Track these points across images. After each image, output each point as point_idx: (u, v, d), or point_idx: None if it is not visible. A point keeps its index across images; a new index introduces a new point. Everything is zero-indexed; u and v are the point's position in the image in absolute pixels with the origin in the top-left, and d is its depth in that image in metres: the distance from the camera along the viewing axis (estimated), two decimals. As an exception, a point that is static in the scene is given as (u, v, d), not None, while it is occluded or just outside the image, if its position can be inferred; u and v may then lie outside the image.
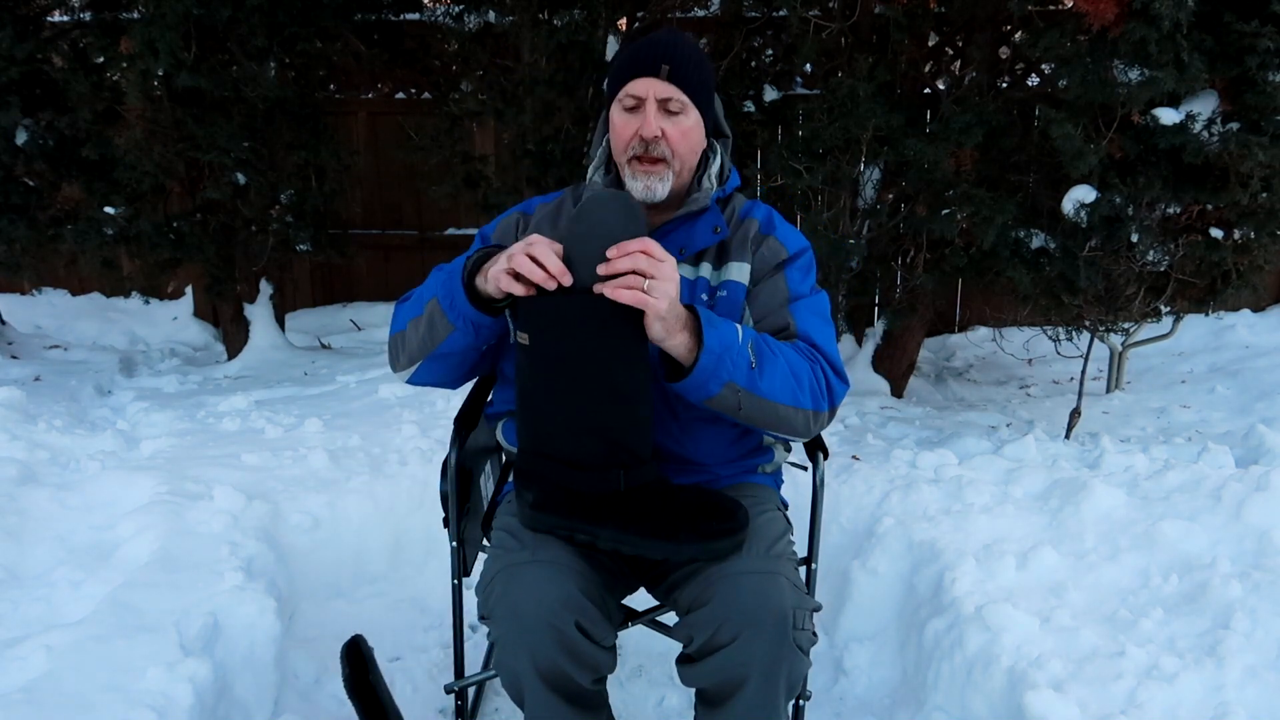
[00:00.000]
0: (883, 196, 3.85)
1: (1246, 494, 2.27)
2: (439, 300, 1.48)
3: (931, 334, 5.31)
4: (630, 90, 1.52)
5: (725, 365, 1.38)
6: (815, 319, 1.58)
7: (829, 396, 1.52)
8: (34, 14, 4.17)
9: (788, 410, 1.47)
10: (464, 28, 4.15)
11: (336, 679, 1.94)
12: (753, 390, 1.41)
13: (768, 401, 1.44)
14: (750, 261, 1.59)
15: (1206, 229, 3.23)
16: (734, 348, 1.39)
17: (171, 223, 4.34)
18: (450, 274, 1.49)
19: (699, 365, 1.37)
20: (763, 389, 1.42)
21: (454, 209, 5.56)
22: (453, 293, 1.45)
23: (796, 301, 1.58)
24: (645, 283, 1.31)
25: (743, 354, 1.40)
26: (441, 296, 1.48)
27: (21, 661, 1.74)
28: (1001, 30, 3.82)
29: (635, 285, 1.31)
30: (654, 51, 1.52)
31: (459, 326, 1.47)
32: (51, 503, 2.47)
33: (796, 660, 1.38)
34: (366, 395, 3.65)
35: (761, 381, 1.42)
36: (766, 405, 1.44)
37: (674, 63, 1.51)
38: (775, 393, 1.44)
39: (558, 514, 1.43)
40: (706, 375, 1.38)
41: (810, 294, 1.61)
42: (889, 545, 2.38)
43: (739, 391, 1.40)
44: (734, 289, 1.57)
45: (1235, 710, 1.66)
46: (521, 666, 1.39)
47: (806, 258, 1.63)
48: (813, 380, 1.49)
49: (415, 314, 1.55)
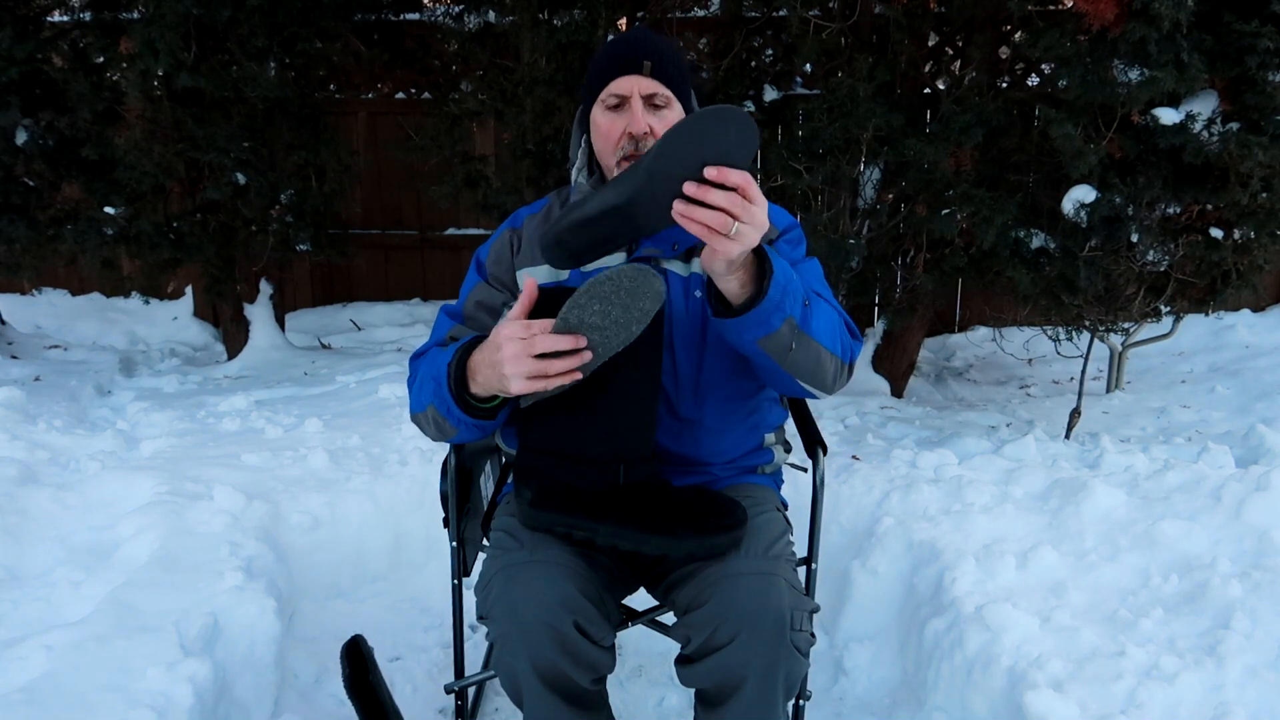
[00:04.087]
0: (883, 196, 3.85)
1: (1246, 494, 2.27)
2: (436, 409, 1.46)
3: (931, 334, 5.31)
4: (614, 89, 1.52)
5: (789, 299, 1.32)
6: (816, 282, 1.56)
7: (850, 350, 1.50)
8: (34, 14, 4.16)
9: (828, 356, 1.42)
10: (464, 28, 4.15)
11: (336, 679, 1.94)
12: (805, 329, 1.36)
13: (815, 343, 1.39)
14: None
15: (1206, 229, 3.23)
16: (794, 281, 1.34)
17: (171, 223, 4.34)
18: (437, 384, 1.44)
19: (768, 296, 1.28)
20: (813, 329, 1.38)
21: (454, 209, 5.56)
22: (446, 402, 1.43)
23: (795, 266, 1.55)
24: (733, 226, 1.19)
25: (798, 288, 1.35)
26: (438, 404, 1.45)
27: (21, 661, 1.75)
28: (1001, 30, 3.82)
29: (723, 227, 1.19)
30: (634, 48, 1.52)
31: (462, 431, 1.47)
32: (51, 503, 2.47)
33: (794, 661, 1.38)
34: (366, 395, 3.65)
35: (813, 320, 1.38)
36: (813, 347, 1.39)
37: (655, 58, 1.51)
38: (822, 335, 1.40)
39: (556, 510, 1.43)
40: (772, 308, 1.30)
41: (804, 261, 1.59)
42: (889, 545, 2.38)
43: (795, 329, 1.34)
44: None
45: (1235, 710, 1.66)
46: (520, 666, 1.39)
47: (796, 232, 1.63)
48: (841, 329, 1.48)
49: (421, 409, 1.51)
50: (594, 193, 1.34)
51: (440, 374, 1.44)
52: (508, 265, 1.64)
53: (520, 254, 1.64)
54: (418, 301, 6.04)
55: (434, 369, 1.47)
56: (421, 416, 1.52)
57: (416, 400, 1.53)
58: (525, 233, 1.66)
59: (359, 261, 5.45)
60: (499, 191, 4.16)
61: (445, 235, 5.92)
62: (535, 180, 4.09)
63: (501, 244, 1.67)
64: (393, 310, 5.93)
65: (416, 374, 1.55)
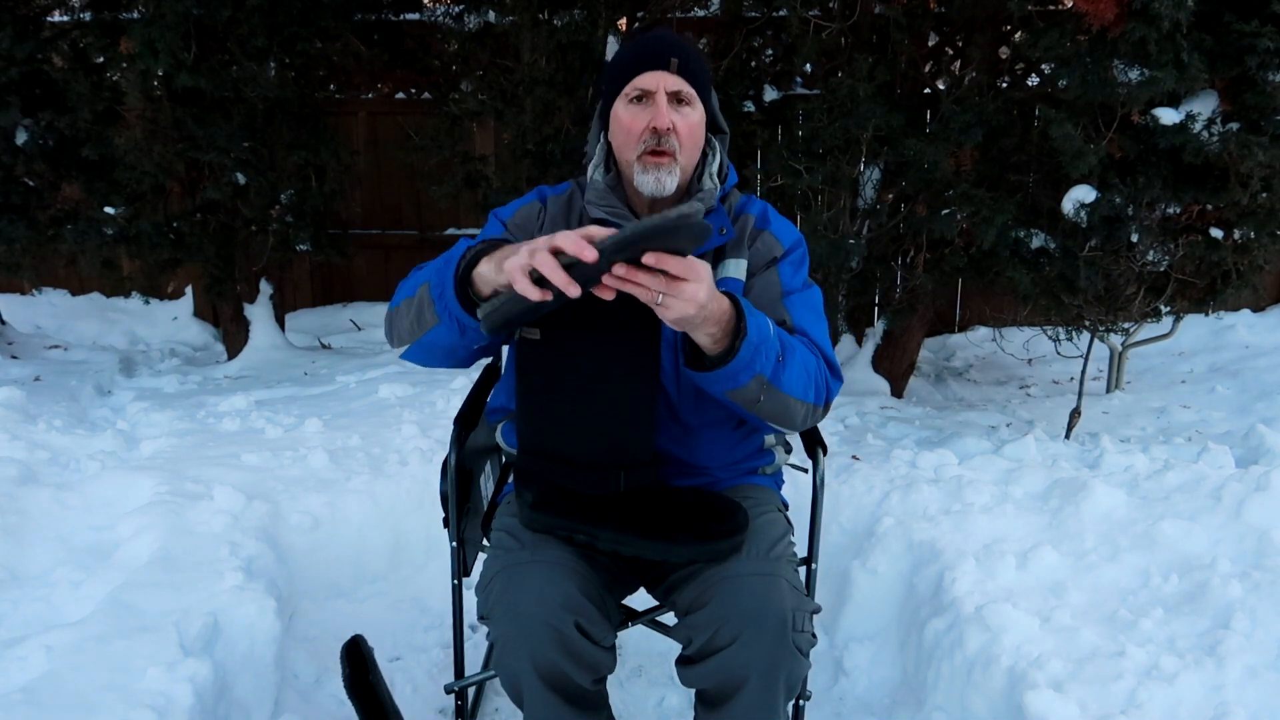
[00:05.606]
0: (883, 196, 3.85)
1: (1246, 494, 2.27)
2: (430, 287, 1.40)
3: (931, 334, 5.31)
4: (639, 84, 1.51)
5: (760, 357, 1.34)
6: (810, 314, 1.57)
7: (826, 392, 1.51)
8: (34, 14, 4.16)
9: (797, 404, 1.43)
10: (464, 28, 4.15)
11: (336, 679, 1.94)
12: (775, 384, 1.38)
13: (785, 395, 1.40)
14: (746, 257, 1.59)
15: (1206, 229, 3.23)
16: (768, 340, 1.35)
17: (171, 223, 4.34)
18: (446, 262, 1.39)
19: (738, 356, 1.31)
20: (784, 383, 1.39)
21: (454, 209, 5.56)
22: (444, 284, 1.36)
23: (790, 296, 1.57)
24: (658, 297, 1.22)
25: (773, 346, 1.37)
26: (433, 284, 1.39)
27: (21, 661, 1.74)
28: (1001, 30, 3.82)
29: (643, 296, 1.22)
30: (662, 46, 1.52)
31: (444, 321, 1.39)
32: (51, 503, 2.47)
33: (796, 662, 1.38)
34: (366, 395, 3.65)
35: (784, 375, 1.39)
36: (781, 399, 1.40)
37: (682, 56, 1.51)
38: (793, 387, 1.41)
39: (557, 514, 1.43)
40: (741, 366, 1.32)
41: (803, 289, 1.59)
42: (889, 545, 2.38)
43: (764, 384, 1.37)
44: (731, 285, 1.56)
45: (1235, 710, 1.66)
46: (521, 666, 1.39)
47: (799, 252, 1.63)
48: (817, 375, 1.48)
49: (409, 294, 1.46)
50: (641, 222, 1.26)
51: (454, 255, 1.38)
52: (529, 234, 1.60)
53: (544, 230, 1.61)
54: (418, 301, 6.03)
55: (448, 255, 1.41)
56: (404, 303, 1.46)
57: (407, 288, 1.47)
58: (550, 211, 1.64)
59: (359, 261, 5.45)
60: (499, 191, 4.16)
61: (445, 235, 5.92)
62: (535, 180, 4.09)
63: (530, 211, 1.64)
64: (393, 310, 5.92)
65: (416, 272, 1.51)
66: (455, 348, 1.45)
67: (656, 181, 1.51)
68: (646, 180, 1.51)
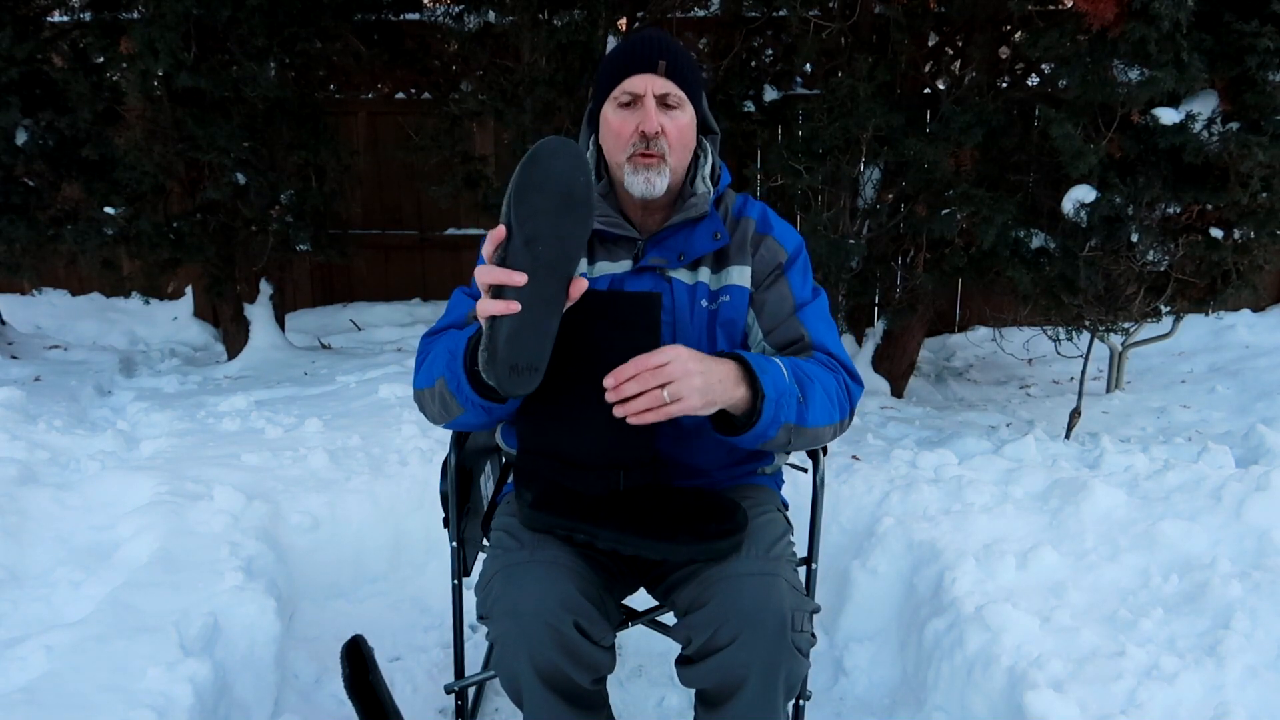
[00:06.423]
0: (883, 196, 3.85)
1: (1246, 494, 2.27)
2: (446, 382, 1.43)
3: (931, 334, 5.31)
4: (627, 87, 1.51)
5: (783, 409, 1.39)
6: (823, 324, 1.59)
7: (850, 402, 1.54)
8: (34, 14, 4.16)
9: (825, 430, 1.49)
10: (464, 28, 4.15)
11: (336, 679, 1.94)
12: (802, 424, 1.43)
13: (813, 430, 1.46)
14: (750, 264, 1.59)
15: (1206, 229, 3.23)
16: (786, 390, 1.40)
17: (171, 223, 4.34)
18: (452, 356, 1.42)
19: (762, 417, 1.37)
20: (809, 420, 1.44)
21: (454, 209, 5.57)
22: (458, 377, 1.40)
23: (803, 308, 1.58)
24: (664, 394, 1.30)
25: (792, 392, 1.41)
26: (449, 379, 1.42)
27: (21, 661, 1.75)
28: (1001, 30, 3.82)
29: (655, 402, 1.30)
30: (650, 48, 1.51)
31: (469, 410, 1.44)
32: (51, 503, 2.47)
33: (795, 662, 1.38)
34: (366, 395, 3.65)
35: (809, 413, 1.44)
36: (810, 434, 1.46)
37: (670, 58, 1.51)
38: (818, 419, 1.46)
39: (557, 513, 1.43)
40: (767, 424, 1.38)
41: (813, 298, 1.61)
42: (889, 545, 2.38)
43: (792, 429, 1.42)
44: (736, 293, 1.57)
45: (1235, 710, 1.66)
46: (520, 666, 1.39)
47: (803, 257, 1.64)
48: (839, 392, 1.51)
49: (428, 383, 1.49)
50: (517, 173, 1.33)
51: (459, 348, 1.42)
52: None
53: None
54: (417, 302, 6.04)
55: (452, 344, 1.45)
56: (428, 392, 1.50)
57: (425, 375, 1.51)
58: None
59: (359, 261, 5.45)
60: (499, 191, 4.16)
61: (445, 235, 5.93)
62: (535, 180, 4.09)
63: None
64: (393, 310, 5.93)
65: (430, 350, 1.53)
66: (488, 424, 1.53)
67: (646, 182, 1.51)
68: (636, 181, 1.51)
